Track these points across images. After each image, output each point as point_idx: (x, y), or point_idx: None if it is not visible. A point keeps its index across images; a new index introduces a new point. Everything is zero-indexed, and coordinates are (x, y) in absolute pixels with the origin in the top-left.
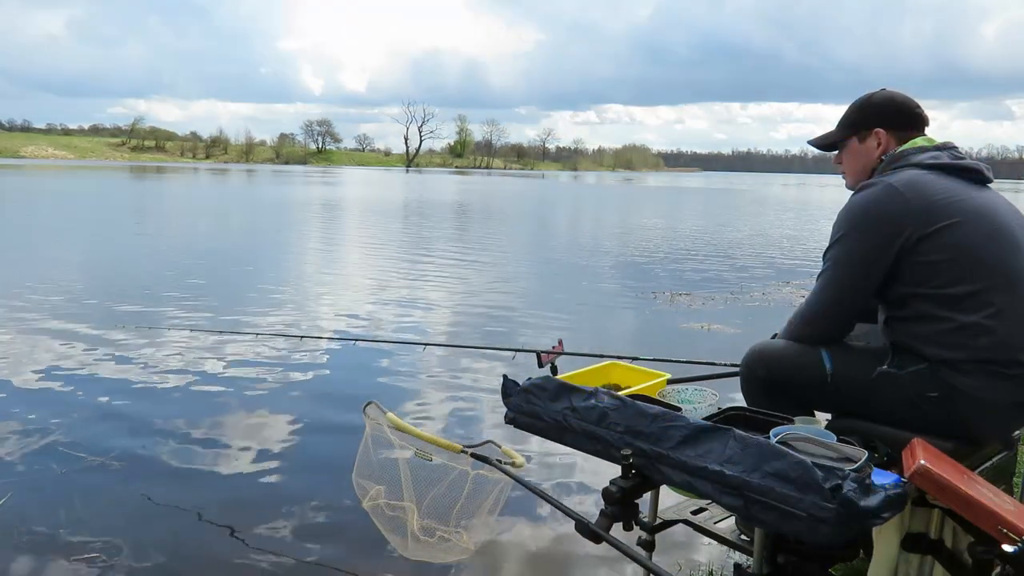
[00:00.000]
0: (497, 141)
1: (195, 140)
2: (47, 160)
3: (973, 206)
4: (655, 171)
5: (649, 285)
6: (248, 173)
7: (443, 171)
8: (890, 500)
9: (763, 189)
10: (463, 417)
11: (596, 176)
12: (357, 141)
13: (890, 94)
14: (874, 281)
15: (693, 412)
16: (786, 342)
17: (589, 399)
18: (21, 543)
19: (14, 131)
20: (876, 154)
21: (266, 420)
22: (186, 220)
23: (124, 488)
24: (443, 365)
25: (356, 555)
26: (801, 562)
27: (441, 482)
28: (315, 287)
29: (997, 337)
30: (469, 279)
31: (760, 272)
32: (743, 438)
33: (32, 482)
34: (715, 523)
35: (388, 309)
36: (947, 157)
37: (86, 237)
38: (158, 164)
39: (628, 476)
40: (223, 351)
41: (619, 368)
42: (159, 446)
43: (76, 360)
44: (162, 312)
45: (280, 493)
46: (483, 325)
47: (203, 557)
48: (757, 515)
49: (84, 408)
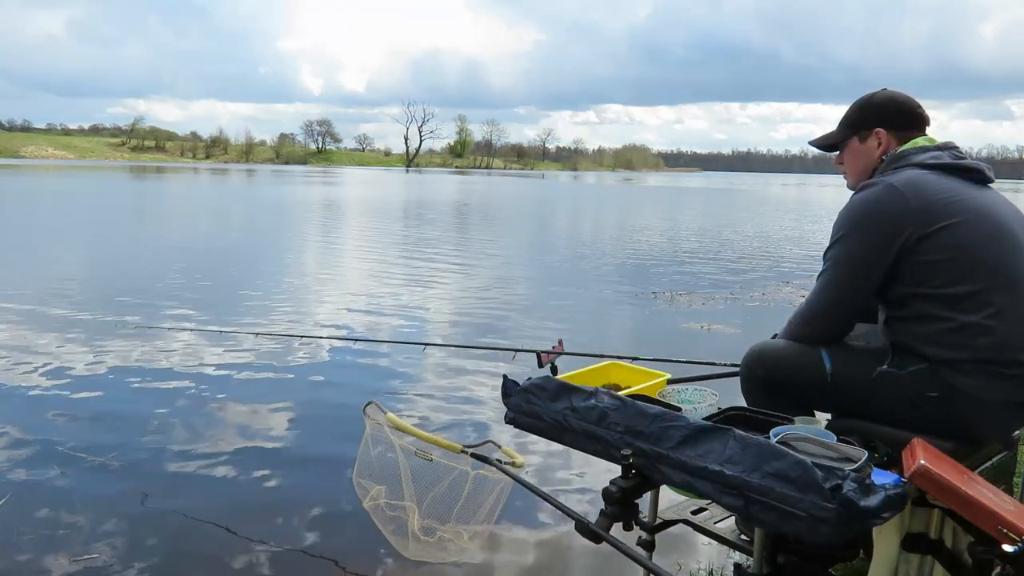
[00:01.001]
0: (497, 141)
1: (195, 140)
2: (47, 160)
3: (974, 206)
4: (655, 171)
5: (649, 285)
6: (248, 173)
7: (443, 171)
8: (890, 500)
9: (763, 189)
10: (463, 417)
11: (596, 176)
12: (357, 141)
13: (891, 94)
14: (874, 281)
15: (693, 412)
16: (786, 342)
17: (589, 399)
18: (21, 543)
19: (14, 131)
20: (877, 154)
21: (266, 420)
22: (186, 220)
23: (124, 488)
24: (443, 365)
25: (357, 555)
26: (801, 562)
27: (441, 482)
28: (315, 287)
29: (997, 337)
30: (469, 279)
31: (760, 272)
32: (743, 438)
33: (32, 482)
34: (715, 523)
35: (388, 309)
36: (948, 157)
37: (86, 237)
38: (158, 164)
39: (628, 476)
40: (223, 351)
41: (619, 368)
42: (159, 446)
43: (76, 360)
44: (162, 312)
45: (280, 493)
46: (483, 325)
47: (203, 557)
48: (757, 515)
49: (84, 408)
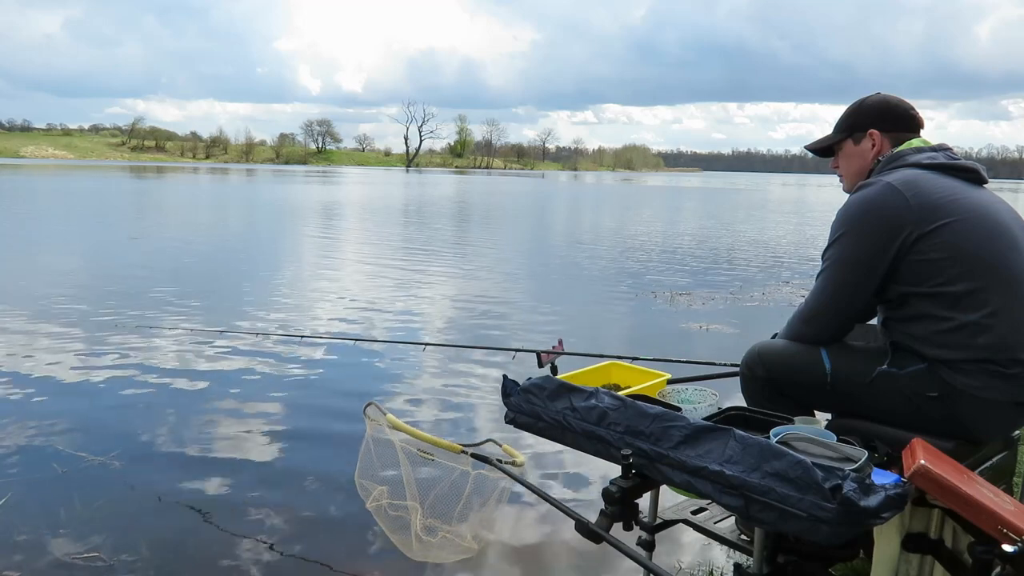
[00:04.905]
0: (497, 141)
1: (195, 140)
2: (47, 160)
3: (971, 205)
4: (655, 171)
5: (649, 285)
6: (248, 173)
7: (443, 171)
8: (890, 500)
9: (763, 189)
10: (463, 417)
11: (596, 176)
12: (357, 141)
13: (884, 97)
14: (874, 280)
15: (693, 412)
16: (786, 342)
17: (589, 399)
18: (21, 543)
19: (14, 131)
20: (871, 155)
21: (266, 421)
22: (187, 220)
23: (124, 488)
24: (443, 365)
25: (360, 556)
26: (801, 562)
27: (443, 482)
28: (316, 286)
29: (996, 336)
30: (469, 279)
31: (760, 272)
32: (743, 438)
33: (32, 482)
34: (715, 523)
35: (388, 309)
36: (943, 157)
37: (87, 237)
38: (158, 164)
39: (628, 476)
40: (223, 351)
41: (619, 368)
42: (159, 446)
43: (76, 360)
44: (162, 312)
45: (281, 493)
46: (483, 325)
47: (203, 557)
48: (757, 515)
49: (84, 408)
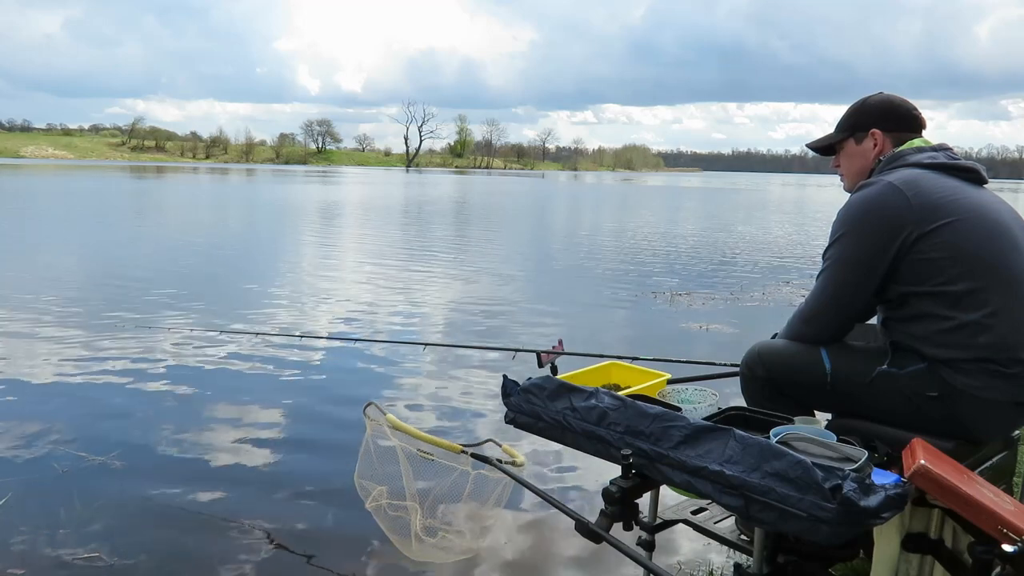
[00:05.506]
0: (497, 141)
1: (195, 140)
2: (47, 160)
3: (972, 205)
4: (655, 171)
5: (649, 285)
6: (248, 173)
7: (443, 171)
8: (890, 500)
9: (763, 189)
10: (463, 417)
11: (596, 176)
12: (357, 141)
13: (887, 96)
14: (874, 280)
15: (693, 412)
16: (786, 342)
17: (589, 399)
18: (21, 543)
19: (14, 131)
20: (873, 155)
21: (266, 421)
22: (187, 220)
23: (124, 488)
24: (443, 365)
25: (359, 556)
26: (801, 562)
27: (443, 482)
28: (315, 286)
29: (996, 336)
30: (469, 279)
31: (760, 272)
32: (743, 438)
33: (32, 482)
34: (715, 523)
35: (388, 309)
36: (944, 157)
37: (87, 236)
38: (158, 164)
39: (628, 476)
40: (223, 351)
41: (619, 368)
42: (159, 446)
43: (75, 359)
44: (162, 312)
45: (280, 493)
46: (483, 325)
47: (203, 557)
48: (757, 515)
49: (84, 408)
